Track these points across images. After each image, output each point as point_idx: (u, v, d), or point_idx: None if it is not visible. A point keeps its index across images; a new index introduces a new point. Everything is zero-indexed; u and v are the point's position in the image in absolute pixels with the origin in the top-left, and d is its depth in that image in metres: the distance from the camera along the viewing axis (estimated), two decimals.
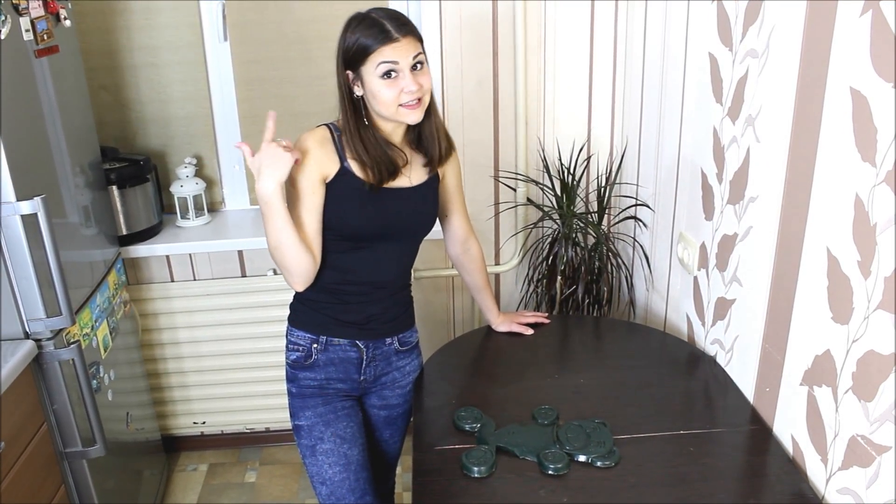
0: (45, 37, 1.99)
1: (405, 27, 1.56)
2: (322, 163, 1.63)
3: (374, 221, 1.67)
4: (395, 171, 1.66)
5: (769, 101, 1.55)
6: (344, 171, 1.64)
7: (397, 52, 1.54)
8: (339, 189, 1.65)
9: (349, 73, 1.60)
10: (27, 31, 1.89)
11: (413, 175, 1.73)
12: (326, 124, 1.69)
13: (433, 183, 1.78)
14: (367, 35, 1.54)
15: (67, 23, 2.15)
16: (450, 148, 1.78)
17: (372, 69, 1.55)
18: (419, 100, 1.59)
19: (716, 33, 1.78)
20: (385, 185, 1.67)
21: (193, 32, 2.60)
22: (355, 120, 1.63)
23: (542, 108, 2.62)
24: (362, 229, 1.68)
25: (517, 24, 2.47)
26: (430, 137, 1.71)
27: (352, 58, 1.57)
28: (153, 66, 2.64)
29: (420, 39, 1.59)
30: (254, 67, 2.66)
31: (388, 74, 1.55)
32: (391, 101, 1.57)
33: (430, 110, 1.69)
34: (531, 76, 2.57)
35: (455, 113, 2.60)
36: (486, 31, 2.51)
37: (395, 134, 1.69)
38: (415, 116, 1.61)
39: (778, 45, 1.50)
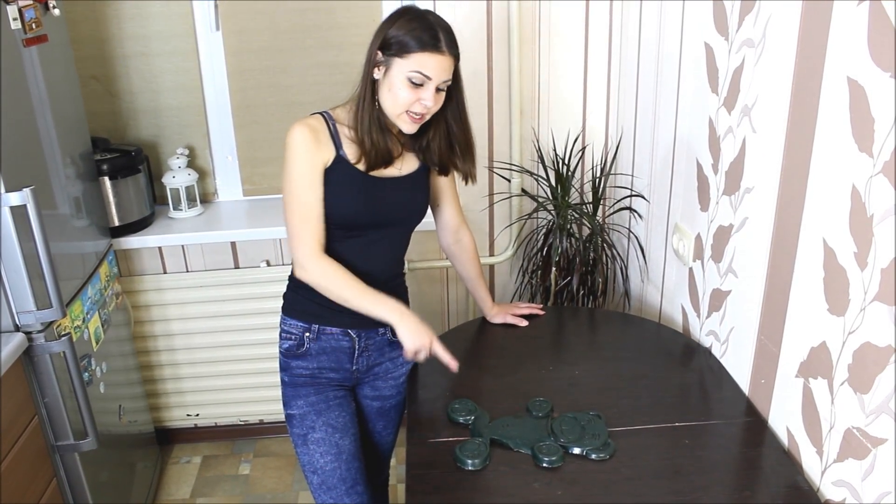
0: (34, 26, 1.96)
1: (453, 48, 1.57)
2: (322, 151, 1.63)
3: (367, 210, 1.67)
4: (388, 161, 1.67)
5: (765, 92, 1.54)
6: (339, 160, 1.64)
7: (438, 67, 1.54)
8: (334, 177, 1.64)
9: (380, 53, 1.58)
10: (15, 19, 1.87)
11: (404, 164, 1.73)
12: (321, 112, 1.68)
13: (423, 171, 1.78)
14: (420, 32, 1.53)
15: (56, 11, 2.12)
16: (471, 164, 1.77)
17: (405, 68, 1.54)
18: (423, 116, 1.60)
19: (712, 23, 1.77)
20: (377, 175, 1.67)
21: (185, 22, 2.58)
22: (370, 100, 1.62)
23: (536, 99, 2.61)
24: (355, 218, 1.67)
25: (512, 13, 2.46)
26: (438, 154, 1.72)
27: (394, 44, 1.55)
28: (144, 55, 2.62)
29: (457, 61, 1.61)
30: (246, 57, 2.63)
31: (415, 81, 1.55)
32: (402, 105, 1.57)
33: (453, 130, 1.69)
34: (525, 66, 2.55)
35: None
36: (480, 21, 2.49)
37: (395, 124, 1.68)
38: (411, 128, 1.62)
39: (774, 35, 1.49)
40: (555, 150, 2.63)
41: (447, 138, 1.71)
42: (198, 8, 2.55)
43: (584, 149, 2.67)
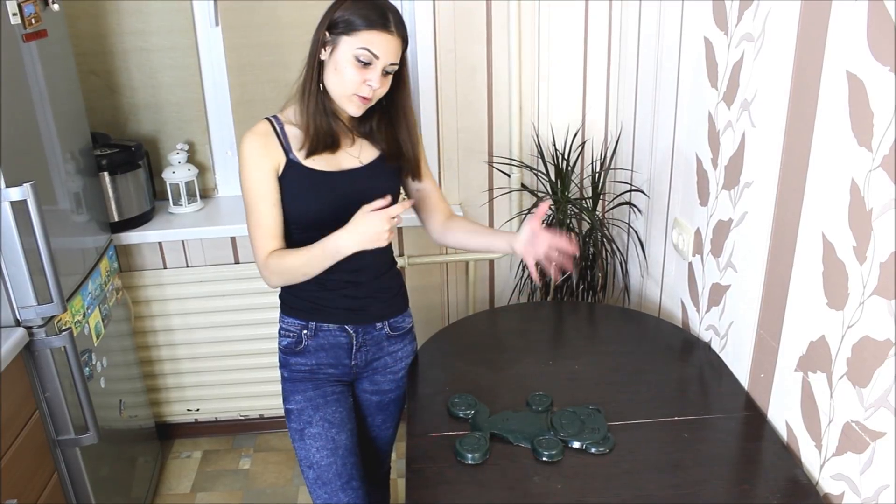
0: (33, 21, 1.96)
1: (401, 27, 1.55)
2: (271, 157, 1.61)
3: (330, 207, 1.64)
4: (332, 145, 1.63)
5: (765, 86, 1.54)
6: (291, 164, 1.62)
7: (385, 48, 1.52)
8: (289, 182, 1.63)
9: (327, 33, 1.56)
10: (14, 14, 1.86)
11: (363, 154, 1.69)
12: (268, 118, 1.67)
13: (383, 160, 1.72)
14: (366, 11, 1.52)
15: (56, 6, 2.12)
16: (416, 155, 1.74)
17: (352, 45, 1.52)
18: (370, 98, 1.57)
19: (711, 17, 1.77)
20: (334, 170, 1.65)
21: (184, 17, 2.57)
22: (311, 81, 1.60)
23: (536, 94, 2.61)
24: (321, 217, 1.64)
25: (511, 9, 2.46)
26: (391, 142, 1.68)
27: (341, 23, 1.54)
28: (144, 50, 2.62)
29: (405, 46, 1.57)
30: (246, 52, 2.63)
31: (362, 60, 1.52)
32: (349, 85, 1.54)
33: (400, 116, 1.66)
34: (525, 61, 2.55)
35: (449, 99, 2.58)
36: (479, 17, 2.49)
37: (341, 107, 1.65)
38: (357, 110, 1.58)
39: (774, 29, 1.49)
40: (554, 145, 2.63)
41: (391, 125, 1.68)
42: (197, 3, 2.55)
43: (583, 144, 2.67)
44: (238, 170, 1.63)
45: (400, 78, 1.63)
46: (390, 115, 1.68)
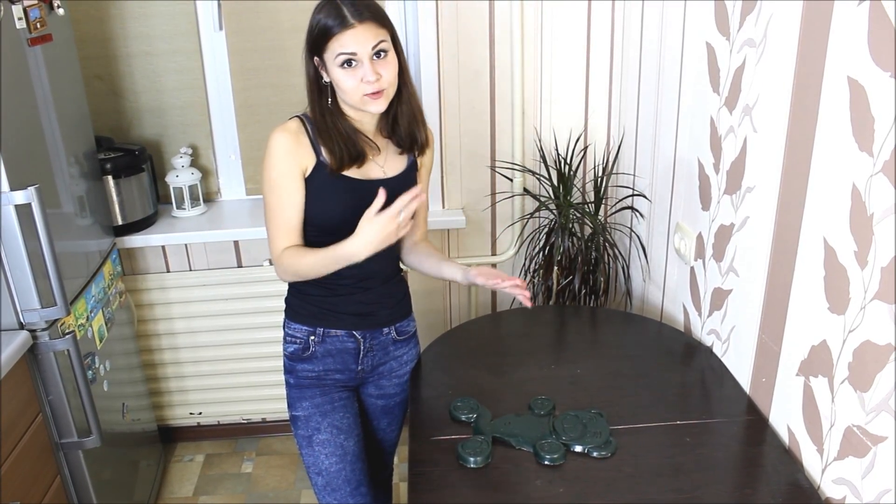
0: (39, 25, 1.97)
1: (364, 12, 1.52)
2: (300, 157, 1.61)
3: (352, 213, 1.62)
4: (358, 157, 1.63)
5: (766, 91, 1.54)
6: (320, 165, 1.62)
7: (355, 41, 1.51)
8: (317, 184, 1.63)
9: (316, 58, 1.58)
10: (20, 19, 1.87)
11: (388, 165, 1.70)
12: (299, 116, 1.66)
13: (411, 172, 1.74)
14: (325, 17, 1.52)
15: (61, 11, 2.13)
16: (428, 137, 1.74)
17: (332, 57, 1.53)
18: (381, 90, 1.56)
19: (713, 23, 1.77)
20: (362, 178, 1.65)
21: (188, 21, 2.58)
22: (321, 106, 1.62)
23: (538, 98, 2.62)
24: (343, 223, 1.63)
25: (514, 13, 2.46)
26: (406, 125, 1.67)
27: (314, 42, 1.55)
28: (148, 55, 2.63)
29: (384, 24, 1.55)
30: (249, 56, 2.64)
31: (347, 63, 1.53)
32: (353, 91, 1.55)
33: (406, 97, 1.65)
34: (528, 66, 2.56)
35: (452, 103, 2.59)
36: (482, 21, 2.50)
37: (367, 123, 1.66)
38: (376, 106, 1.57)
39: (775, 35, 1.50)
40: (557, 149, 2.63)
41: (405, 106, 1.67)
42: (201, 7, 2.56)
43: (585, 148, 2.68)
44: (263, 166, 1.63)
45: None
46: (398, 100, 1.66)
